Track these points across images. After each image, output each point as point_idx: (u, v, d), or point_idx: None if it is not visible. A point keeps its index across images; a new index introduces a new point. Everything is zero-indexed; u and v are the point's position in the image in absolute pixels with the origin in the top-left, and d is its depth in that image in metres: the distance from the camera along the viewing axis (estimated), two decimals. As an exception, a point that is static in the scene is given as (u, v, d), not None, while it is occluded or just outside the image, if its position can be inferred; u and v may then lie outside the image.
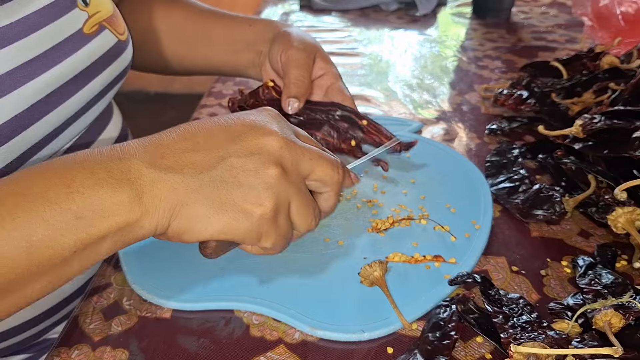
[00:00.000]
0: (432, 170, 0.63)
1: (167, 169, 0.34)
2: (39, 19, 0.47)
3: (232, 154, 0.35)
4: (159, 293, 0.47)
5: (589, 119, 0.56)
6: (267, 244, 0.37)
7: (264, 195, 0.35)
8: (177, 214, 0.34)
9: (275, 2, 1.31)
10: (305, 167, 0.37)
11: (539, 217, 0.55)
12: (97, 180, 0.32)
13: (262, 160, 0.35)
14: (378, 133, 0.53)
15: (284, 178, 0.36)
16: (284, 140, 0.36)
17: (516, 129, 0.72)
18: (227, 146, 0.35)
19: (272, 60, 0.58)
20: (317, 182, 0.39)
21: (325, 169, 0.38)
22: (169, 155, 0.34)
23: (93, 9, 0.53)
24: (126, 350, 0.43)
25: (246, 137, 0.36)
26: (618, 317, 0.41)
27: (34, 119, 0.45)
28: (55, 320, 0.57)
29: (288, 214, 0.37)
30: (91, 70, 0.52)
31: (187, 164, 0.34)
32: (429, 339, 0.42)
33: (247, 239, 0.36)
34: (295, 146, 0.37)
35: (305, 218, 0.38)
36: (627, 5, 0.84)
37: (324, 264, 0.50)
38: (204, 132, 0.36)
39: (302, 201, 0.37)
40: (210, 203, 0.34)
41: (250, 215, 0.35)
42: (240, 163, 0.35)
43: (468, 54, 1.00)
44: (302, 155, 0.37)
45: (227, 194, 0.34)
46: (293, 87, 0.54)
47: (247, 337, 0.44)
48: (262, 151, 0.35)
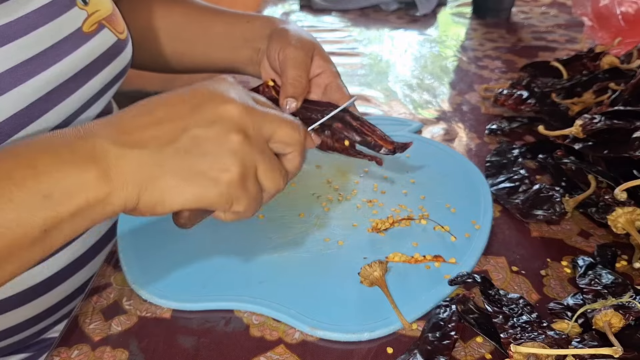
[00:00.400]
0: (432, 170, 0.63)
1: (131, 144, 0.34)
2: (39, 17, 0.47)
3: (193, 125, 0.35)
4: (159, 293, 0.47)
5: (589, 119, 0.56)
6: (239, 208, 0.37)
7: (229, 161, 0.36)
8: (145, 188, 0.34)
9: (275, 2, 1.31)
10: (267, 130, 0.38)
11: (539, 217, 0.55)
12: (62, 160, 0.33)
13: (224, 128, 0.36)
14: (372, 134, 0.53)
15: (247, 143, 0.36)
16: (243, 107, 0.37)
17: (516, 129, 0.72)
18: (188, 117, 0.36)
19: (270, 58, 0.58)
20: (280, 144, 0.39)
21: (286, 130, 0.39)
22: (131, 131, 0.35)
23: (92, 7, 0.53)
24: (126, 350, 0.42)
25: (206, 106, 0.36)
26: (618, 317, 0.41)
27: (33, 117, 0.46)
28: (55, 319, 0.57)
29: (256, 178, 0.38)
30: (90, 69, 0.52)
31: (150, 138, 0.35)
32: (429, 339, 0.42)
33: (219, 205, 0.37)
34: (255, 111, 0.38)
35: (272, 179, 0.39)
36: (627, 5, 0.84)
37: (324, 264, 0.50)
38: (164, 106, 0.37)
39: (267, 163, 0.38)
40: (178, 174, 0.35)
41: (218, 182, 0.36)
42: (202, 133, 0.35)
43: (468, 54, 1.00)
44: (262, 120, 0.38)
45: (193, 163, 0.35)
46: (290, 88, 0.54)
47: (247, 337, 0.44)
48: (223, 119, 0.36)
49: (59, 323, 0.58)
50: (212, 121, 0.36)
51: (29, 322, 0.53)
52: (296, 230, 0.54)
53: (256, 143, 0.37)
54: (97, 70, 0.53)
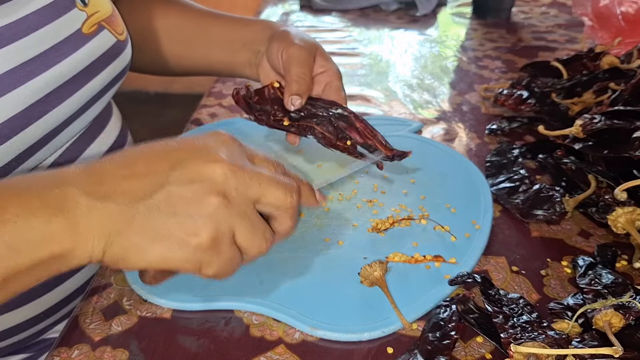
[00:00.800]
0: (432, 170, 0.63)
1: (102, 197, 0.33)
2: (38, 19, 0.47)
3: (171, 182, 0.34)
4: (159, 293, 0.47)
5: (589, 119, 0.56)
6: (208, 272, 0.35)
7: (201, 224, 0.33)
8: (111, 243, 0.33)
9: (275, 2, 1.31)
10: (254, 192, 0.36)
11: (539, 217, 0.55)
12: (31, 209, 0.32)
13: (202, 189, 0.34)
14: (373, 138, 0.53)
15: (225, 206, 0.34)
16: (228, 167, 0.35)
17: (516, 129, 0.72)
18: (167, 173, 0.34)
19: (271, 58, 0.58)
20: (268, 207, 0.37)
21: (276, 193, 0.36)
22: (106, 182, 0.33)
23: (92, 9, 0.53)
24: (126, 350, 0.42)
25: (188, 163, 0.34)
26: (618, 317, 0.41)
27: (32, 119, 0.45)
28: (55, 320, 0.57)
29: (232, 241, 0.35)
30: (90, 70, 0.52)
31: (123, 192, 0.33)
32: (429, 339, 0.42)
33: (185, 269, 0.35)
34: (242, 172, 0.35)
35: (252, 242, 0.36)
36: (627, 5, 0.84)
37: (324, 264, 0.50)
38: (146, 158, 0.35)
39: (247, 227, 0.35)
40: (145, 233, 0.33)
41: (186, 245, 0.34)
42: (178, 191, 0.33)
43: (468, 54, 1.00)
44: (249, 180, 0.35)
45: (162, 223, 0.33)
46: (295, 85, 0.54)
47: (247, 337, 0.44)
48: (204, 179, 0.34)
49: (59, 323, 0.58)
50: (192, 180, 0.34)
51: (28, 323, 0.53)
52: (296, 230, 0.54)
53: (237, 206, 0.35)
54: (97, 71, 0.53)
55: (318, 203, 0.42)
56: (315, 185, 0.43)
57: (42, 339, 0.58)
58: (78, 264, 0.34)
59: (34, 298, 0.52)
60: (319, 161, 0.65)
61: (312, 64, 0.56)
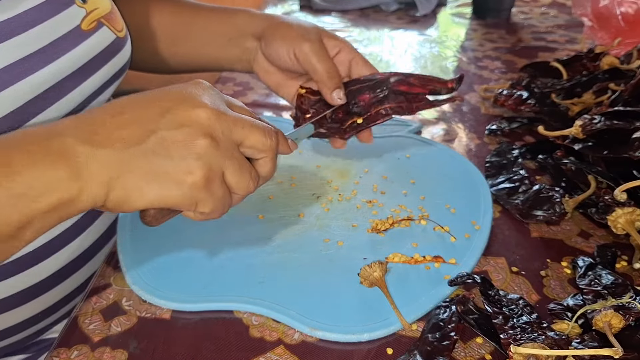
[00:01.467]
0: (432, 171, 0.63)
1: (99, 144, 0.35)
2: (37, 15, 0.47)
3: (162, 127, 0.36)
4: (159, 293, 0.47)
5: (589, 120, 0.56)
6: (204, 209, 0.38)
7: (194, 164, 0.36)
8: (112, 187, 0.35)
9: (275, 3, 1.31)
10: (238, 135, 0.39)
11: (539, 217, 0.55)
12: (34, 159, 0.34)
13: (192, 132, 0.36)
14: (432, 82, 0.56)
15: (214, 147, 0.37)
16: (213, 111, 0.38)
17: (516, 130, 0.72)
18: (157, 120, 0.36)
19: (279, 59, 0.58)
20: (251, 149, 0.40)
21: (257, 135, 0.39)
22: (101, 132, 0.36)
23: (91, 5, 0.53)
24: (125, 351, 0.42)
25: (176, 110, 0.37)
26: (618, 318, 0.41)
27: (31, 115, 0.45)
28: (54, 320, 0.57)
29: (222, 180, 0.38)
30: (89, 66, 0.52)
31: (118, 139, 0.35)
32: (429, 340, 0.42)
33: (183, 205, 0.37)
34: (226, 116, 0.38)
35: (241, 182, 0.39)
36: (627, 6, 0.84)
37: (324, 264, 0.50)
38: (135, 107, 0.37)
39: (235, 167, 0.38)
40: (143, 174, 0.36)
41: (182, 184, 0.36)
42: (170, 135, 0.36)
43: (468, 55, 1.00)
44: (233, 125, 0.38)
45: (158, 165, 0.36)
46: (330, 81, 0.55)
47: (246, 338, 0.44)
48: (192, 123, 0.37)
49: (58, 323, 0.58)
50: (181, 124, 0.36)
51: (27, 323, 0.53)
52: (296, 231, 0.54)
53: (224, 147, 0.38)
54: (96, 68, 0.53)
55: (291, 149, 0.45)
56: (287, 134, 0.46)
57: (41, 339, 0.58)
58: (83, 209, 0.36)
59: (33, 298, 0.52)
60: (317, 162, 0.65)
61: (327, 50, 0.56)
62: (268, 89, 0.85)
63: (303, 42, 0.55)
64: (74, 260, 0.54)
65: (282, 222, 0.55)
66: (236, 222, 0.54)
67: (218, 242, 0.52)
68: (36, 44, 0.46)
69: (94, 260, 0.57)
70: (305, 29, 0.57)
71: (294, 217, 0.56)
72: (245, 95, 0.85)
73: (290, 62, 0.57)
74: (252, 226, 0.54)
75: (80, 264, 0.55)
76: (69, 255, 0.54)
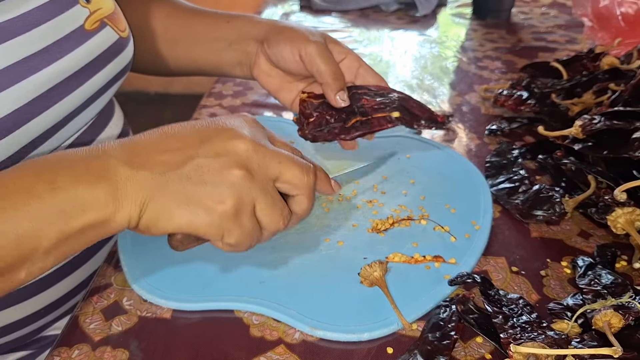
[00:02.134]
0: (432, 171, 0.63)
1: (139, 167, 0.36)
2: (41, 14, 0.47)
3: (200, 155, 0.37)
4: (159, 293, 0.47)
5: (589, 120, 0.56)
6: (230, 240, 0.38)
7: (226, 194, 0.37)
8: (145, 209, 0.36)
9: (275, 3, 1.31)
10: (274, 170, 0.39)
11: (539, 217, 0.55)
12: (77, 177, 0.35)
13: (228, 161, 0.37)
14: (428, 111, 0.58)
15: (248, 179, 0.37)
16: (251, 144, 0.38)
17: (516, 130, 0.72)
18: (197, 147, 0.37)
19: (283, 60, 0.58)
20: (287, 185, 0.40)
21: (294, 172, 0.39)
22: (142, 155, 0.37)
23: (94, 5, 0.53)
24: (126, 350, 0.43)
25: (215, 139, 0.38)
26: (618, 318, 0.41)
27: (34, 114, 0.46)
28: (55, 317, 0.57)
29: (252, 214, 0.38)
30: (92, 66, 0.52)
31: (158, 163, 0.36)
32: (429, 339, 0.42)
33: (209, 234, 0.38)
34: (264, 150, 0.38)
35: (271, 218, 0.39)
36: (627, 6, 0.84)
37: (324, 264, 0.50)
38: (178, 135, 0.38)
39: (267, 202, 0.38)
40: (175, 199, 0.36)
41: (211, 212, 0.37)
42: (206, 163, 0.37)
43: (468, 55, 1.00)
44: (270, 159, 0.38)
45: (191, 190, 0.36)
46: (334, 83, 0.55)
47: (247, 337, 0.44)
48: (229, 153, 0.37)
49: (58, 321, 0.58)
50: (218, 153, 0.37)
51: (28, 319, 0.53)
52: (297, 230, 0.54)
53: (259, 180, 0.38)
54: (99, 68, 0.53)
55: (333, 190, 0.45)
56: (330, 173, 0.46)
57: (42, 337, 0.58)
58: (117, 229, 0.37)
59: (34, 294, 0.52)
60: (318, 162, 0.65)
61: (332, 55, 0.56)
62: (268, 90, 0.86)
63: (309, 43, 0.55)
64: (75, 258, 0.55)
65: (283, 222, 0.55)
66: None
67: (218, 242, 0.52)
68: (40, 44, 0.47)
69: (94, 259, 0.57)
70: (310, 32, 0.57)
71: (295, 217, 0.56)
72: (245, 95, 0.85)
73: (294, 63, 0.57)
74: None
75: (81, 262, 0.56)
76: None
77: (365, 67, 0.59)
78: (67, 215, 0.34)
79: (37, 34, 0.47)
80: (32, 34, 0.46)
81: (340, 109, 0.56)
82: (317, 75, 0.55)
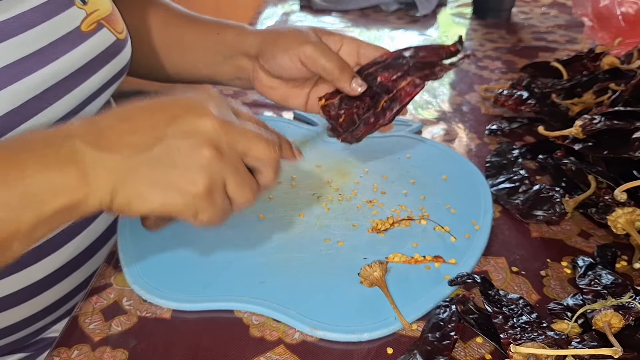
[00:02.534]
0: (432, 171, 0.63)
1: (107, 149, 0.36)
2: (36, 15, 0.47)
3: (168, 136, 0.37)
4: (159, 293, 0.47)
5: (589, 120, 0.56)
6: (204, 218, 0.39)
7: (198, 175, 0.37)
8: (117, 192, 0.37)
9: (275, 3, 1.31)
10: (241, 146, 0.39)
11: (539, 217, 0.55)
12: (47, 161, 0.35)
13: (197, 142, 0.37)
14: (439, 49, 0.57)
15: (218, 158, 0.37)
16: (219, 122, 0.38)
17: (516, 130, 0.72)
18: (165, 128, 0.37)
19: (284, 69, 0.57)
20: (254, 160, 0.40)
21: (260, 147, 0.40)
22: (110, 135, 0.37)
23: (91, 7, 0.53)
24: (126, 351, 0.43)
25: (183, 118, 0.38)
26: (618, 318, 0.41)
27: (29, 115, 0.46)
28: (53, 319, 0.57)
29: (224, 191, 0.39)
30: (88, 68, 0.52)
31: (126, 145, 0.37)
32: (429, 340, 0.42)
33: (184, 214, 0.38)
34: (232, 127, 0.39)
35: (242, 194, 0.40)
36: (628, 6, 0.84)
37: (324, 264, 0.50)
38: (143, 113, 0.38)
39: (237, 179, 0.39)
40: (147, 182, 0.37)
41: (184, 194, 0.37)
42: (176, 144, 0.37)
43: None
44: (238, 135, 0.39)
45: (163, 173, 0.37)
46: (343, 74, 0.55)
47: (247, 337, 0.44)
48: (198, 132, 0.37)
49: (57, 322, 0.58)
50: (187, 133, 0.37)
51: (26, 321, 0.53)
52: (296, 230, 0.54)
53: (228, 158, 0.38)
54: (95, 69, 0.53)
55: (295, 157, 0.45)
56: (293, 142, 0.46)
57: (41, 339, 0.58)
58: (89, 212, 0.37)
59: (33, 296, 0.52)
60: (317, 162, 0.65)
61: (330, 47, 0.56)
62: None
63: (305, 45, 0.55)
64: (74, 259, 0.54)
65: (283, 222, 0.55)
66: (237, 222, 0.54)
67: (218, 242, 0.52)
68: (35, 45, 0.46)
69: (93, 259, 0.57)
70: (302, 33, 0.56)
71: (295, 217, 0.56)
72: (245, 95, 0.85)
73: (296, 70, 0.56)
74: (253, 226, 0.54)
75: (80, 263, 0.56)
76: (69, 254, 0.54)
77: (364, 45, 0.58)
78: (39, 201, 0.35)
79: (32, 35, 0.46)
80: (27, 35, 0.46)
81: (363, 96, 0.56)
82: (323, 74, 0.55)
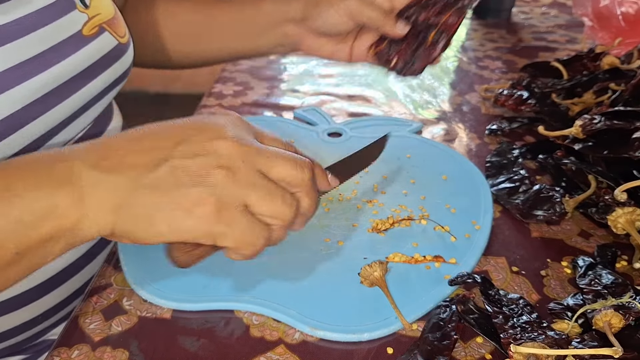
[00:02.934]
0: (432, 171, 0.63)
1: (108, 170, 0.34)
2: (38, 19, 0.47)
3: (175, 156, 0.34)
4: (159, 293, 0.47)
5: (589, 120, 0.56)
6: (225, 243, 0.35)
7: (204, 194, 0.34)
8: (119, 215, 0.34)
9: (276, 3, 1.31)
10: (262, 165, 0.36)
11: (539, 217, 0.55)
12: (37, 182, 0.33)
13: (207, 162, 0.34)
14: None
15: (230, 178, 0.34)
16: (234, 142, 0.35)
17: (516, 130, 0.72)
18: (172, 148, 0.35)
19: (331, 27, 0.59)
20: (282, 182, 0.36)
21: (285, 166, 0.36)
22: (111, 157, 0.34)
23: (93, 11, 0.53)
24: (126, 351, 0.43)
25: (193, 139, 0.35)
26: (618, 318, 0.41)
27: (30, 118, 0.45)
28: (53, 322, 0.56)
29: (243, 211, 0.35)
30: (90, 71, 0.52)
31: (128, 166, 0.34)
32: (429, 339, 0.42)
33: (198, 239, 0.35)
34: (248, 147, 0.36)
35: (272, 209, 0.36)
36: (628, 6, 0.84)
37: (324, 264, 0.50)
38: (152, 135, 0.36)
39: (261, 195, 0.35)
40: (150, 203, 0.34)
41: (191, 215, 0.34)
42: (182, 164, 0.34)
43: (468, 54, 1.00)
44: (256, 155, 0.36)
45: (167, 194, 0.34)
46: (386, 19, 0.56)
47: (247, 337, 0.44)
48: (208, 153, 0.35)
49: (56, 326, 0.58)
50: (196, 154, 0.34)
51: (25, 325, 0.53)
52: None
53: (244, 176, 0.35)
54: (97, 73, 0.53)
55: (330, 185, 0.41)
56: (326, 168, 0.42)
57: (40, 341, 0.58)
58: (86, 238, 0.34)
59: (32, 300, 0.52)
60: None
61: None
62: (269, 89, 0.86)
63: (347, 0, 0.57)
64: (70, 266, 0.54)
65: (283, 221, 0.55)
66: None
67: (218, 242, 0.52)
68: (36, 48, 0.46)
69: (91, 265, 0.57)
70: None
71: (295, 217, 0.56)
72: (245, 95, 0.85)
73: (344, 24, 0.58)
74: (253, 226, 0.54)
75: (77, 269, 0.55)
76: (65, 260, 0.53)
77: None
78: (25, 224, 0.32)
79: (34, 39, 0.46)
80: (29, 39, 0.46)
81: (409, 36, 0.57)
82: (369, 22, 0.57)
